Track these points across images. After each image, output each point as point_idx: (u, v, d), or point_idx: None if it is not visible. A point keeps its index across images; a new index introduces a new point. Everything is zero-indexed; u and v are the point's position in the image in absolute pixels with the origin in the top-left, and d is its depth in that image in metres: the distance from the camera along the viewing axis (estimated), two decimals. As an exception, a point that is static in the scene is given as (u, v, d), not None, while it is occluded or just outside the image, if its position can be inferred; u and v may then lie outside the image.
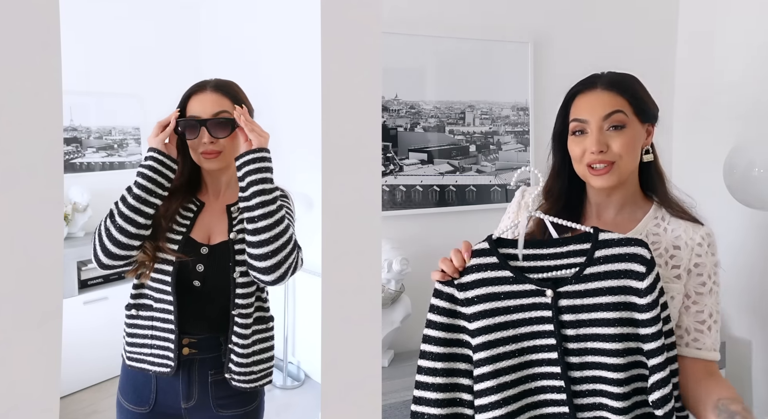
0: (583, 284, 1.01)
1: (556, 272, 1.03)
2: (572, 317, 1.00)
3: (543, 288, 1.01)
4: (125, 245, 1.25)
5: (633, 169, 1.13)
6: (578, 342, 1.00)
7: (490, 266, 1.04)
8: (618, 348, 0.98)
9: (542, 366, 1.02)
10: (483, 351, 1.01)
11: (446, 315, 1.06)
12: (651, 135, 1.16)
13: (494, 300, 1.03)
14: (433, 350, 1.05)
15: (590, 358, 1.00)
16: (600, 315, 0.99)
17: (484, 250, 1.06)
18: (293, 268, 1.29)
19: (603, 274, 1.00)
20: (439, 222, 2.26)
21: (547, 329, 1.01)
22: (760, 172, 1.82)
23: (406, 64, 2.18)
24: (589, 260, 1.01)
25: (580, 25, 2.42)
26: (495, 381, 1.00)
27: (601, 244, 1.02)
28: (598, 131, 1.09)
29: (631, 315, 0.99)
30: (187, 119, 1.29)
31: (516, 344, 1.01)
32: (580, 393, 1.00)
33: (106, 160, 3.23)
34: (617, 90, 1.11)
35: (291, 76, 2.98)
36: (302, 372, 3.04)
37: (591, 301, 1.00)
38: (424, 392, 1.04)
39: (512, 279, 1.03)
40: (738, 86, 2.29)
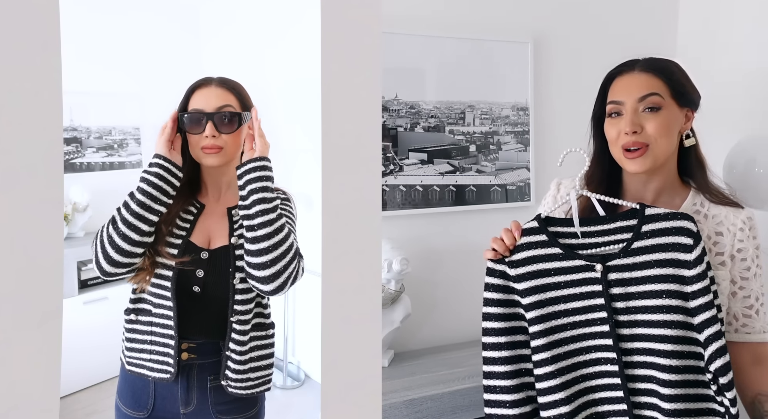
0: (631, 258, 1.04)
1: (604, 248, 1.06)
2: (621, 290, 1.03)
3: (592, 263, 1.05)
4: (128, 252, 1.22)
5: (669, 153, 1.12)
6: (628, 314, 1.03)
7: (540, 244, 1.08)
8: (666, 320, 1.00)
9: (595, 339, 1.05)
10: (536, 325, 1.06)
11: (501, 291, 1.10)
12: (690, 120, 1.15)
13: (545, 276, 1.07)
14: (494, 326, 1.09)
15: (640, 330, 1.02)
16: (649, 287, 1.02)
17: (534, 228, 1.10)
18: (293, 278, 1.28)
19: (651, 247, 1.03)
20: (439, 222, 2.26)
21: (597, 303, 1.04)
22: (760, 171, 1.82)
23: (406, 64, 2.18)
24: (636, 235, 1.04)
25: (580, 24, 2.42)
26: (549, 352, 1.05)
27: (648, 218, 1.04)
28: (633, 112, 1.09)
29: (681, 288, 1.01)
30: (192, 113, 1.25)
31: (568, 318, 1.06)
32: (632, 364, 1.03)
33: (106, 160, 3.23)
34: (655, 72, 1.11)
35: (291, 76, 2.98)
36: (302, 372, 3.04)
37: (640, 274, 1.03)
38: (493, 366, 1.09)
39: (562, 256, 1.07)
40: (738, 86, 2.28)
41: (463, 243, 2.29)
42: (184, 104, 1.29)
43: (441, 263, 2.27)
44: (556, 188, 1.30)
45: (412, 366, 2.07)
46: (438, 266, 2.27)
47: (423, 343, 2.22)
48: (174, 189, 1.25)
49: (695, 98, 1.15)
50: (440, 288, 2.27)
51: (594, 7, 2.44)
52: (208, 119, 1.23)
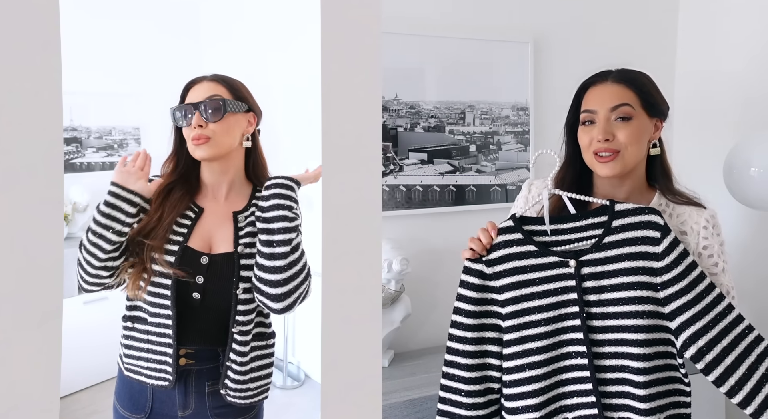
0: (603, 252, 1.08)
1: (577, 244, 1.10)
2: (594, 283, 1.07)
3: (566, 259, 1.09)
4: (93, 274, 1.22)
5: (638, 160, 1.18)
6: (600, 306, 1.07)
7: (516, 242, 1.13)
8: (638, 310, 1.04)
9: (567, 333, 1.09)
10: (510, 320, 1.10)
11: (476, 290, 1.14)
12: (659, 130, 1.21)
13: (521, 273, 1.11)
14: (464, 321, 1.13)
15: (612, 322, 1.06)
16: (620, 280, 1.06)
17: (509, 227, 1.14)
18: (303, 298, 1.27)
19: (621, 241, 1.07)
20: (439, 222, 2.26)
21: (571, 298, 1.08)
22: (757, 171, 1.82)
23: (406, 64, 2.18)
24: (607, 230, 1.09)
25: (580, 25, 2.42)
26: (521, 347, 1.09)
27: (618, 214, 1.09)
28: (605, 121, 1.15)
29: (651, 279, 1.05)
30: (180, 105, 1.25)
31: (542, 313, 1.09)
32: (603, 355, 1.07)
33: (106, 160, 3.22)
34: (626, 84, 1.17)
35: (291, 75, 2.98)
36: (302, 372, 3.04)
37: (611, 267, 1.07)
38: (455, 357, 1.13)
39: (537, 253, 1.11)
40: (738, 86, 2.29)
41: (463, 243, 2.28)
42: (181, 100, 1.28)
43: (441, 263, 2.27)
44: (528, 189, 1.35)
45: (412, 366, 2.07)
46: (438, 266, 2.27)
47: (423, 343, 2.22)
48: (129, 216, 1.21)
49: (664, 109, 1.22)
50: (440, 288, 2.27)
51: (594, 8, 2.44)
52: (195, 109, 1.21)
